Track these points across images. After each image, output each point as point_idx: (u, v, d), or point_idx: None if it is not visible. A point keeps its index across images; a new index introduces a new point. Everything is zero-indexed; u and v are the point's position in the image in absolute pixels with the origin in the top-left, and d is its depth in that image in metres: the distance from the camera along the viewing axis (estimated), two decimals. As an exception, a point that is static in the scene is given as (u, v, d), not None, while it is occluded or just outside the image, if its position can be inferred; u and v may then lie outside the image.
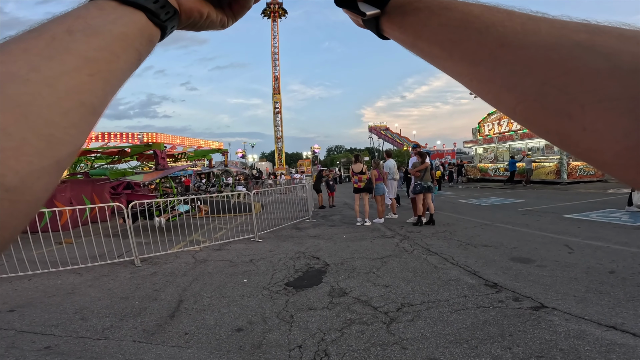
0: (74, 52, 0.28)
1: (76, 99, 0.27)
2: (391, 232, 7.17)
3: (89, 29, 0.30)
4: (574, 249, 5.07)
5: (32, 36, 0.28)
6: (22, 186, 0.24)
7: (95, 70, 0.29)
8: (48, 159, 0.25)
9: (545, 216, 8.07)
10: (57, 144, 0.26)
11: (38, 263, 5.00)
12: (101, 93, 0.29)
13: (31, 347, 3.00)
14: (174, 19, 0.37)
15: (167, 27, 0.36)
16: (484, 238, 6.14)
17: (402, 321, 3.11)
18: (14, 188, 0.23)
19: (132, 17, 0.33)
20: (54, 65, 0.27)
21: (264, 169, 43.93)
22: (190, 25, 0.41)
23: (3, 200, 0.23)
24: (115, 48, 0.31)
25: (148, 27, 0.34)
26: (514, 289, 3.67)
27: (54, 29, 0.29)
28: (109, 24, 0.31)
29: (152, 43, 0.35)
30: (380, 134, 59.47)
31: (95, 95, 0.29)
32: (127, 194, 13.00)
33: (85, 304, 3.92)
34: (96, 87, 0.29)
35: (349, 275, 4.44)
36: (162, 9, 0.35)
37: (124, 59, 0.32)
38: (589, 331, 2.75)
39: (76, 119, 0.27)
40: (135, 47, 0.33)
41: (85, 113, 0.28)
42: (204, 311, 3.57)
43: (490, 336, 2.75)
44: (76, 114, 0.27)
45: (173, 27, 0.37)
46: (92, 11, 0.31)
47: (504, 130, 21.06)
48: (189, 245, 6.59)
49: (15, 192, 0.23)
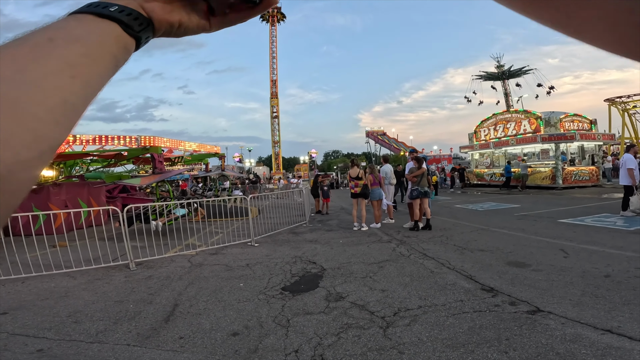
0: (56, 56, 0.31)
1: (59, 98, 0.30)
2: (388, 236, 7.17)
3: (69, 37, 0.32)
4: (570, 254, 5.09)
5: (17, 44, 0.30)
6: (8, 176, 0.25)
7: (76, 73, 0.31)
8: (33, 151, 0.27)
9: (541, 221, 8.11)
10: (42, 138, 0.28)
11: (32, 266, 4.95)
12: (82, 93, 0.32)
13: (23, 349, 2.97)
14: (147, 30, 0.40)
15: (142, 37, 0.39)
16: (480, 243, 6.15)
17: (399, 326, 3.10)
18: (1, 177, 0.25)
19: (108, 28, 0.36)
20: (38, 67, 0.29)
21: (261, 174, 43.85)
22: (166, 33, 0.43)
23: None
24: (94, 54, 0.33)
25: (123, 37, 0.37)
26: (510, 293, 3.68)
27: (36, 37, 0.31)
28: (87, 33, 0.34)
29: (128, 51, 0.38)
30: (378, 139, 59.72)
31: (76, 96, 0.31)
32: (122, 198, 12.93)
33: (79, 307, 3.87)
34: (77, 88, 0.31)
35: (345, 280, 4.43)
36: (135, 20, 0.38)
37: (102, 64, 0.34)
38: (585, 335, 2.75)
39: (59, 116, 0.29)
40: (113, 53, 0.36)
41: (68, 111, 0.30)
42: (199, 315, 3.54)
43: (487, 340, 2.75)
44: (59, 112, 0.29)
45: (148, 37, 0.40)
46: (71, 23, 0.34)
47: (500, 135, 21.19)
48: (185, 249, 6.55)
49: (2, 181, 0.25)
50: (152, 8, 0.40)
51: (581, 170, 17.49)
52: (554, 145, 17.54)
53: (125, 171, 16.71)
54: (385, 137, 60.59)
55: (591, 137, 18.59)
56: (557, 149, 17.44)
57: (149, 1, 0.40)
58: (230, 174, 19.92)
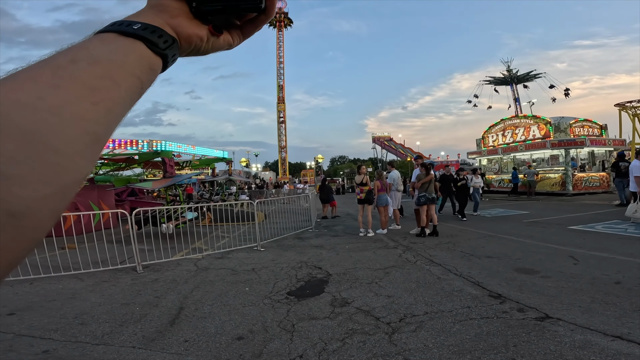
0: (77, 80, 0.30)
1: (81, 128, 0.28)
2: (394, 242, 7.13)
3: (91, 58, 0.31)
4: (579, 260, 5.00)
5: (40, 66, 0.30)
6: (27, 212, 0.24)
7: (98, 98, 0.30)
8: (53, 187, 0.26)
9: (550, 227, 7.99)
10: (63, 172, 0.27)
11: (40, 267, 5.00)
12: (104, 121, 0.30)
13: (29, 350, 2.99)
14: (173, 47, 0.38)
15: (168, 56, 0.38)
16: (487, 249, 6.08)
17: (405, 332, 3.07)
18: (19, 214, 0.24)
19: (132, 46, 0.35)
20: (60, 93, 0.28)
21: (267, 179, 44.00)
22: (195, 51, 0.43)
23: (7, 226, 0.23)
24: (116, 76, 0.32)
25: (148, 56, 0.36)
26: (519, 300, 3.62)
27: (59, 58, 0.31)
28: (110, 52, 0.33)
29: (153, 71, 0.37)
30: (384, 144, 59.60)
31: (98, 124, 0.30)
32: (130, 201, 13.06)
33: (86, 309, 3.91)
34: (99, 116, 0.30)
35: (351, 286, 4.40)
36: (160, 38, 0.37)
37: (125, 87, 0.33)
38: (594, 341, 2.70)
39: (81, 147, 0.28)
40: (136, 74, 0.34)
41: (90, 141, 0.29)
42: (204, 319, 3.54)
43: (494, 347, 2.71)
44: (81, 143, 0.28)
45: (175, 55, 0.39)
46: (95, 42, 0.34)
47: (508, 141, 21.01)
48: (191, 253, 6.58)
49: (20, 218, 0.24)
50: (177, 24, 0.40)
51: (591, 177, 17.23)
52: (564, 151, 17.33)
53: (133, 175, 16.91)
54: (391, 143, 60.45)
55: (601, 142, 18.33)
56: (567, 154, 17.22)
57: (175, 17, 0.40)
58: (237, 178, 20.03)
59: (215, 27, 0.42)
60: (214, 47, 0.44)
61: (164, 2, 0.40)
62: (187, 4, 0.40)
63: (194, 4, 0.40)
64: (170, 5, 0.40)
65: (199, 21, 0.41)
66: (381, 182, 8.36)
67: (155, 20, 0.38)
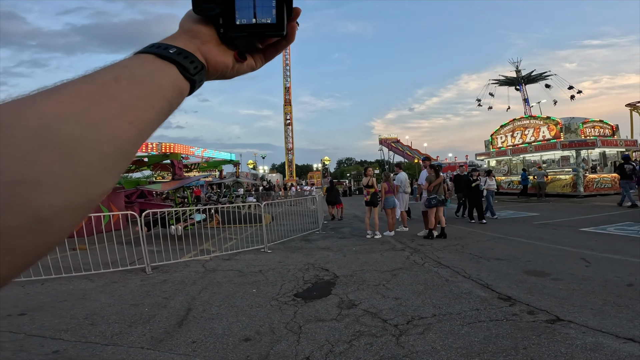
0: (118, 99, 0.31)
1: (114, 145, 0.30)
2: (401, 245, 7.09)
3: (133, 77, 0.33)
4: (591, 262, 4.92)
5: (86, 81, 0.31)
6: (53, 219, 0.26)
7: (134, 118, 0.32)
8: (82, 199, 0.27)
9: (561, 229, 7.87)
10: (92, 185, 0.28)
11: (52, 268, 5.08)
12: (135, 141, 0.32)
13: (39, 350, 3.03)
14: (202, 73, 0.40)
15: (196, 81, 0.40)
16: (497, 251, 6.00)
17: (412, 334, 3.04)
18: (46, 220, 0.25)
19: (167, 70, 0.37)
20: (101, 110, 0.30)
21: (274, 181, 44.14)
22: (220, 76, 0.45)
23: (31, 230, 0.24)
24: (152, 98, 0.34)
25: (179, 81, 0.38)
26: (529, 302, 3.57)
27: (104, 75, 0.32)
28: (149, 74, 0.35)
29: (182, 96, 0.39)
30: (391, 146, 59.40)
31: (130, 143, 0.31)
32: (140, 203, 13.21)
33: (96, 309, 3.95)
34: (132, 135, 0.31)
35: (358, 288, 4.38)
36: (192, 63, 0.39)
37: (157, 110, 0.35)
38: (606, 343, 2.66)
39: (112, 164, 0.30)
40: (168, 98, 0.36)
41: (119, 159, 0.30)
42: (212, 320, 3.56)
43: (503, 349, 2.67)
44: (112, 160, 0.30)
45: (201, 81, 0.41)
46: (136, 62, 0.36)
47: (518, 142, 20.76)
48: (199, 254, 6.63)
49: (45, 224, 0.25)
50: (207, 51, 0.42)
51: (603, 178, 16.92)
52: (575, 152, 17.07)
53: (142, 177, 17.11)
54: (398, 145, 60.22)
55: (613, 143, 18.00)
56: (577, 155, 16.95)
57: (205, 44, 0.42)
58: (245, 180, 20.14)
59: (240, 54, 0.45)
60: (238, 72, 0.46)
61: (195, 28, 0.42)
62: (216, 30, 0.43)
63: (222, 30, 0.43)
64: (202, 31, 0.42)
65: (225, 46, 0.44)
66: (388, 184, 8.33)
67: (188, 45, 0.40)
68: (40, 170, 0.25)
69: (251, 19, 0.42)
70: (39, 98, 0.28)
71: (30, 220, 0.24)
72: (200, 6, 0.41)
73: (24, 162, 0.24)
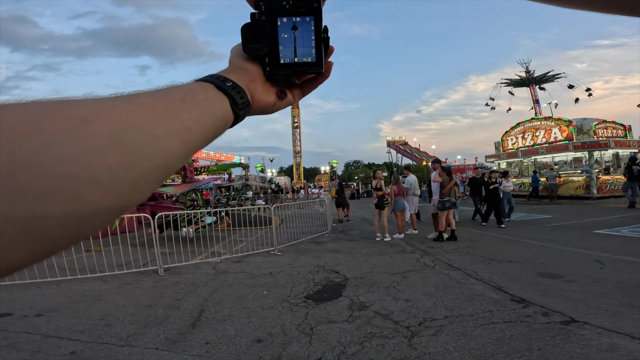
0: (180, 118, 0.33)
1: (165, 160, 0.31)
2: (411, 247, 7.05)
3: (195, 101, 0.36)
4: (605, 264, 4.85)
5: (158, 96, 0.34)
6: (94, 217, 0.27)
7: (187, 139, 0.34)
8: (124, 202, 0.29)
9: (574, 232, 7.75)
10: (136, 193, 0.29)
11: (67, 269, 5.18)
12: (181, 160, 0.34)
13: (56, 351, 3.07)
14: (246, 109, 0.43)
15: (241, 116, 0.42)
16: (509, 254, 5.94)
17: (424, 335, 3.03)
18: (87, 217, 0.26)
19: (221, 100, 0.39)
20: (166, 125, 0.32)
21: (282, 184, 44.27)
22: (261, 112, 0.48)
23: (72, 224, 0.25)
24: (204, 124, 0.36)
25: (228, 113, 0.40)
26: (543, 304, 3.53)
27: (173, 94, 0.35)
28: (207, 100, 0.38)
29: (226, 127, 0.41)
30: (399, 148, 59.10)
31: (177, 161, 0.33)
32: (151, 205, 13.38)
33: (110, 310, 4.02)
34: (181, 154, 0.33)
35: (368, 290, 4.38)
36: (241, 99, 0.41)
37: (205, 135, 0.37)
38: (621, 344, 2.63)
39: (157, 177, 0.31)
40: (216, 127, 0.39)
41: (164, 173, 0.32)
42: (224, 321, 3.59)
43: (517, 350, 2.65)
44: (159, 173, 0.31)
45: (244, 116, 0.44)
46: (198, 88, 0.38)
47: (529, 143, 20.51)
48: (210, 256, 6.69)
49: (86, 220, 0.26)
50: (254, 89, 0.45)
51: (616, 179, 16.60)
52: (587, 153, 16.79)
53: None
54: (407, 147, 59.88)
55: (626, 144, 17.66)
56: (590, 157, 16.67)
57: (254, 81, 0.45)
58: (254, 183, 20.27)
59: (281, 92, 0.48)
60: (278, 108, 0.49)
61: (246, 66, 0.45)
62: (262, 68, 0.46)
63: (268, 69, 0.46)
64: (251, 69, 0.45)
65: (269, 83, 0.47)
66: (398, 186, 8.31)
67: (241, 81, 0.43)
68: (100, 170, 0.26)
69: (293, 58, 0.46)
70: (118, 103, 0.30)
71: (73, 214, 0.25)
72: (249, 46, 0.45)
73: (89, 158, 0.26)
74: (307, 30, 0.46)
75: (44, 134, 0.24)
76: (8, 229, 0.22)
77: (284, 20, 0.46)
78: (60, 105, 0.27)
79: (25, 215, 0.23)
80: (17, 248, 0.23)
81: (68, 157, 0.25)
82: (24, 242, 0.23)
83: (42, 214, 0.23)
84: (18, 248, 0.23)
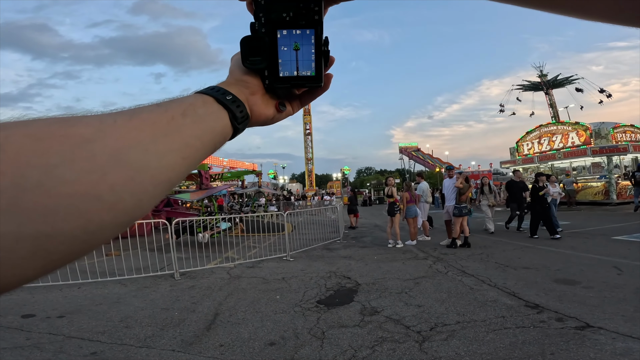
0: (181, 135, 0.34)
1: (167, 176, 0.32)
2: (424, 253, 7.02)
3: (196, 116, 0.36)
4: (624, 271, 4.75)
5: (159, 110, 0.34)
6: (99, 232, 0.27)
7: (188, 155, 0.34)
8: (127, 218, 0.29)
9: (593, 238, 7.57)
10: (139, 209, 0.30)
11: (88, 273, 5.36)
12: (182, 175, 0.34)
13: (78, 352, 3.18)
14: (245, 123, 0.43)
15: (239, 130, 0.43)
16: (524, 260, 5.86)
17: (436, 340, 3.04)
18: (92, 232, 0.27)
19: (221, 114, 0.40)
20: (167, 142, 0.32)
21: (294, 190, 44.47)
22: (260, 124, 0.48)
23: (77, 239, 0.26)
24: (205, 139, 0.37)
25: (227, 127, 0.40)
26: (557, 310, 3.49)
27: (174, 109, 0.35)
28: (207, 115, 0.38)
29: (225, 140, 0.41)
30: (411, 155, 58.64)
31: (178, 177, 0.33)
32: (166, 212, 13.65)
33: (130, 313, 4.15)
34: (182, 169, 0.34)
35: (380, 295, 4.40)
36: (241, 113, 0.42)
37: (205, 149, 0.37)
38: (636, 348, 2.61)
39: (159, 192, 0.32)
40: (215, 141, 0.39)
41: (166, 189, 0.32)
42: (238, 325, 3.67)
43: (530, 355, 2.64)
44: (161, 189, 0.32)
45: (243, 129, 0.44)
46: (199, 101, 0.39)
47: (545, 149, 20.15)
48: (224, 261, 6.80)
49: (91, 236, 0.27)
50: (254, 102, 0.45)
51: (638, 185, 16.11)
52: (606, 158, 16.38)
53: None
54: (419, 153, 59.38)
55: (646, 148, 17.18)
56: (609, 162, 16.25)
57: (253, 94, 0.45)
58: (266, 190, 20.48)
59: (281, 104, 0.48)
60: (276, 120, 0.49)
61: (246, 79, 0.45)
62: (261, 81, 0.46)
63: (267, 82, 0.46)
64: (251, 82, 0.45)
65: (269, 96, 0.47)
66: (410, 193, 8.30)
67: (240, 94, 0.43)
68: (104, 188, 0.27)
69: (293, 71, 0.46)
70: (120, 120, 0.31)
71: (79, 230, 0.26)
72: (248, 60, 0.45)
73: (93, 177, 0.26)
74: (307, 43, 0.45)
75: (49, 155, 0.25)
76: (19, 246, 0.23)
77: (284, 32, 0.45)
78: (63, 125, 0.28)
79: (34, 233, 0.24)
80: (27, 264, 0.24)
81: (73, 177, 0.25)
82: (34, 258, 0.24)
83: (50, 232, 0.24)
84: (29, 264, 0.24)
